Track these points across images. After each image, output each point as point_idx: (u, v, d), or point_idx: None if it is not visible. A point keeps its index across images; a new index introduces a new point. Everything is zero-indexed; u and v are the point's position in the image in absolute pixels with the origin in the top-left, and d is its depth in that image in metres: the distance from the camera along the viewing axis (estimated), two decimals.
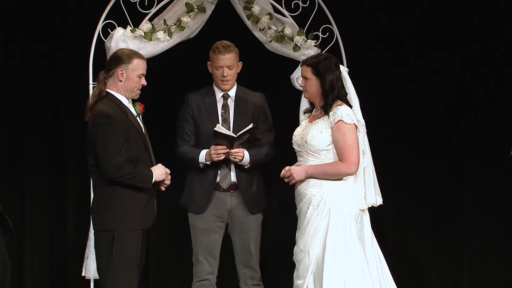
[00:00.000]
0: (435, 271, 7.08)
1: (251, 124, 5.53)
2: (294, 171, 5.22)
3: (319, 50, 6.07)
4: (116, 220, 5.02)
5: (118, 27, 5.89)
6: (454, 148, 7.05)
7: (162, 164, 5.18)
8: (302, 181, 5.21)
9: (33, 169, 6.79)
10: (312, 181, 5.17)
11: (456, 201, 7.07)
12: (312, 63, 5.22)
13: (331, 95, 5.18)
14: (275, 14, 6.04)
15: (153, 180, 5.09)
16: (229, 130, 5.63)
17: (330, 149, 5.18)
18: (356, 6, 6.86)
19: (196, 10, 5.92)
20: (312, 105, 5.40)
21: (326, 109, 5.18)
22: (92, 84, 5.87)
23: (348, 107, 5.18)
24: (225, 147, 5.51)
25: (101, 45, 5.90)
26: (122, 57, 5.12)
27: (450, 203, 7.07)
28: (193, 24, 5.96)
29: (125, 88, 5.12)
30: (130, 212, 5.04)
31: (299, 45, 6.02)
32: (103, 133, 4.96)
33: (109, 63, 5.16)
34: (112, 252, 5.00)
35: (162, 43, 5.91)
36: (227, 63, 5.66)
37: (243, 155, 5.62)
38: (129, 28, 5.89)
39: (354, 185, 5.21)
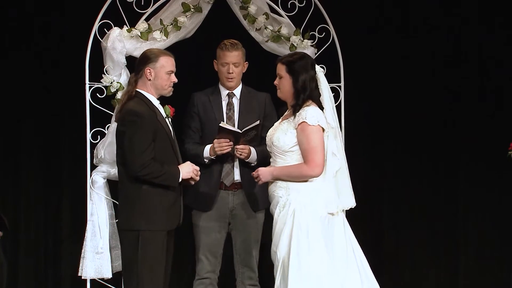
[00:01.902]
0: (432, 271, 7.10)
1: (257, 121, 5.55)
2: (261, 172, 5.20)
3: (316, 50, 6.10)
4: (141, 220, 5.03)
5: (114, 27, 5.89)
6: (450, 147, 7.07)
7: None
8: (271, 182, 5.18)
9: (28, 167, 6.81)
10: (279, 183, 5.13)
11: (453, 201, 7.09)
12: (287, 61, 5.16)
13: (303, 95, 5.09)
14: (271, 14, 6.04)
15: (180, 179, 5.10)
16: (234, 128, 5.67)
17: (295, 150, 5.11)
18: (352, 6, 6.88)
19: (192, 10, 5.93)
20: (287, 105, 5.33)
21: (295, 109, 5.11)
22: (89, 84, 5.90)
23: (315, 108, 5.09)
24: (228, 140, 5.53)
25: (97, 45, 5.91)
26: (149, 56, 5.15)
27: (447, 203, 7.09)
28: (190, 24, 5.96)
29: (155, 86, 5.15)
30: (156, 212, 5.05)
31: (296, 45, 6.03)
32: (130, 131, 4.99)
33: (138, 64, 5.18)
34: (137, 252, 5.01)
35: (158, 43, 5.91)
36: (233, 60, 5.70)
37: (249, 152, 5.63)
38: (125, 28, 5.90)
39: (322, 187, 5.12)
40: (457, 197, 7.10)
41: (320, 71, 5.20)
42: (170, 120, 5.29)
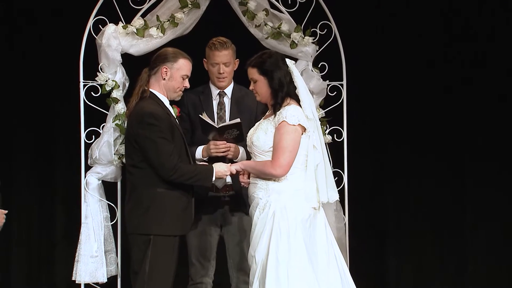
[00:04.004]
0: (438, 276, 7.10)
1: (237, 119, 5.45)
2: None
3: (317, 47, 6.08)
4: (154, 224, 5.04)
5: (109, 23, 5.88)
6: (457, 147, 7.07)
7: None
8: (252, 183, 5.18)
9: (20, 168, 6.82)
10: (259, 183, 5.12)
11: (460, 202, 7.09)
12: (257, 63, 5.14)
13: (281, 93, 5.09)
14: (271, 10, 6.02)
15: (214, 178, 5.15)
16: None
17: None
18: (355, 2, 6.87)
19: (190, 5, 5.92)
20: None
21: (275, 108, 5.11)
22: (83, 82, 5.89)
23: (296, 107, 5.09)
24: (225, 142, 5.49)
25: (92, 42, 5.89)
26: (168, 55, 5.18)
27: (454, 204, 7.09)
28: (187, 20, 5.95)
29: (168, 87, 5.19)
30: (169, 216, 5.07)
31: (296, 42, 6.01)
32: (153, 135, 5.00)
33: (154, 61, 5.21)
34: (148, 256, 5.04)
35: (155, 40, 5.91)
36: (223, 59, 5.67)
37: (236, 151, 5.56)
38: (121, 24, 5.89)
39: (303, 186, 5.09)
40: (464, 198, 7.10)
41: (291, 63, 5.17)
42: (177, 120, 5.35)
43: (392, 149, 7.10)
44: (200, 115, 5.49)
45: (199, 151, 5.60)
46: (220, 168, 5.16)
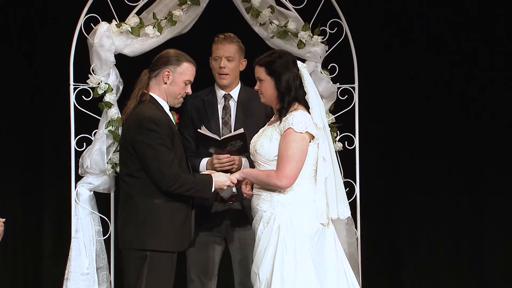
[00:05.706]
0: None
1: (241, 129, 5.40)
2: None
3: (327, 47, 6.01)
4: (150, 239, 4.97)
5: (102, 21, 5.81)
6: (475, 154, 7.01)
7: None
8: (255, 195, 5.10)
9: (5, 178, 6.77)
10: (263, 195, 5.03)
11: (480, 215, 7.02)
12: (265, 62, 5.06)
13: (288, 97, 5.02)
14: (277, 7, 5.95)
15: (213, 188, 5.09)
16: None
17: None
18: None
19: (189, 2, 5.84)
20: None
21: (281, 114, 5.04)
22: (74, 85, 5.84)
23: (304, 113, 5.02)
24: (228, 156, 5.41)
25: (83, 42, 5.82)
26: (170, 58, 5.17)
27: (472, 217, 7.02)
28: (186, 18, 5.88)
29: (169, 92, 5.16)
30: (167, 230, 5.00)
31: (304, 42, 5.91)
32: (153, 141, 4.95)
33: (155, 63, 5.20)
34: (143, 274, 4.96)
35: (151, 39, 5.84)
36: (226, 53, 5.61)
37: (239, 163, 5.46)
38: (114, 22, 5.83)
39: (312, 200, 5.01)
40: (483, 209, 7.02)
41: (303, 67, 5.11)
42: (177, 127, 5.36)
43: (408, 157, 7.06)
44: (198, 129, 5.42)
45: (203, 164, 5.54)
46: (219, 178, 5.10)
